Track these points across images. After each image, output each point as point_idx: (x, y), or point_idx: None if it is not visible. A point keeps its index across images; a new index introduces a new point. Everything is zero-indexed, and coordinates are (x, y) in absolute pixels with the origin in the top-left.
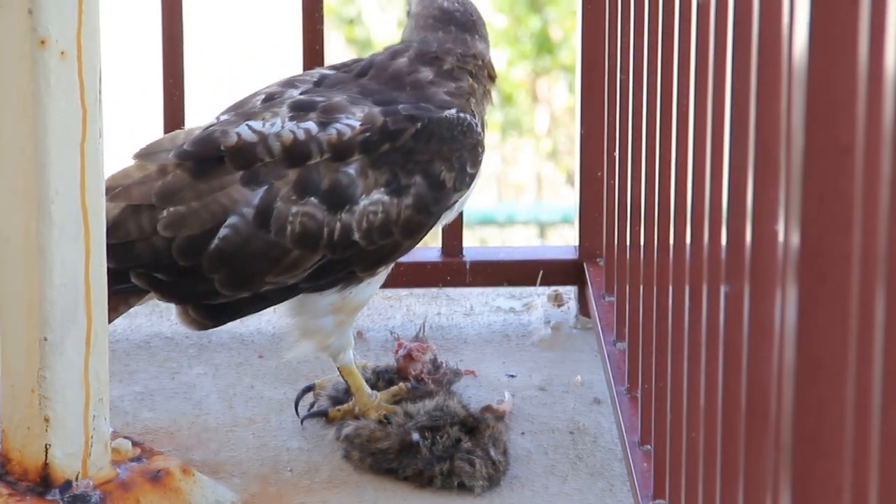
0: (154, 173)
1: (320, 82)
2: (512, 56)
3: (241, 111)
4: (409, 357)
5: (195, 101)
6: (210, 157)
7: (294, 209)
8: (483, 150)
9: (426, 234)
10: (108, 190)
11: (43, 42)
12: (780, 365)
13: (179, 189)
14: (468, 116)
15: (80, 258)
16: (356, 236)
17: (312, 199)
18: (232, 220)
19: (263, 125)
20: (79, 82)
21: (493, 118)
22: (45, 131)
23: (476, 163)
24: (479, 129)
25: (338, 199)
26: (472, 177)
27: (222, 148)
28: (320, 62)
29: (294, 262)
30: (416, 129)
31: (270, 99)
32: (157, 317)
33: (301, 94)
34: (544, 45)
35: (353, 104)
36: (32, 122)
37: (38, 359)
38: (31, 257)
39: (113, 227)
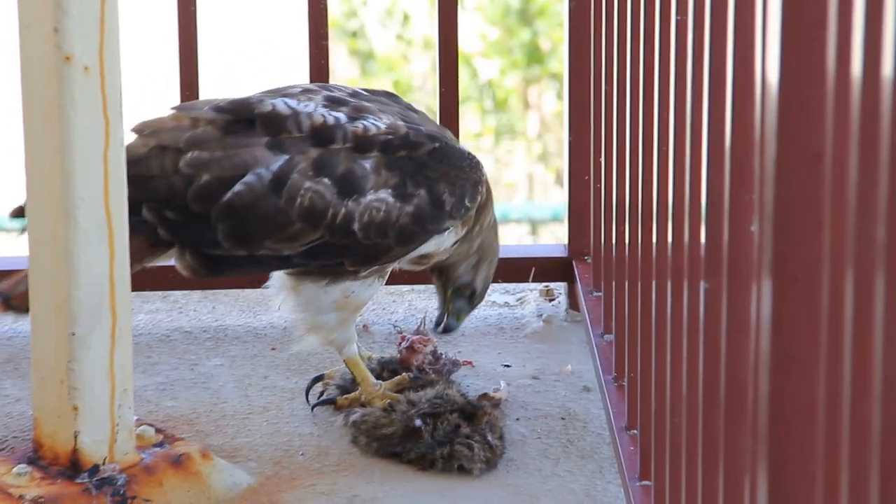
0: (187, 123)
1: (355, 94)
2: (504, 65)
3: (278, 91)
4: (411, 349)
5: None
6: (242, 119)
7: (307, 184)
8: (482, 197)
9: (416, 247)
10: (140, 129)
11: (68, 58)
12: (756, 356)
13: (207, 139)
14: (478, 160)
15: (105, 259)
16: (356, 226)
17: (326, 179)
18: (249, 177)
19: (298, 104)
20: (101, 95)
21: (488, 123)
22: (71, 141)
23: (473, 199)
24: (484, 177)
25: (349, 186)
26: (468, 210)
27: (256, 112)
28: (325, 77)
29: (295, 234)
30: (434, 147)
31: (308, 91)
32: (177, 312)
33: (336, 93)
34: (534, 56)
35: (382, 113)
36: (58, 133)
37: (66, 352)
38: (59, 259)
39: (135, 161)
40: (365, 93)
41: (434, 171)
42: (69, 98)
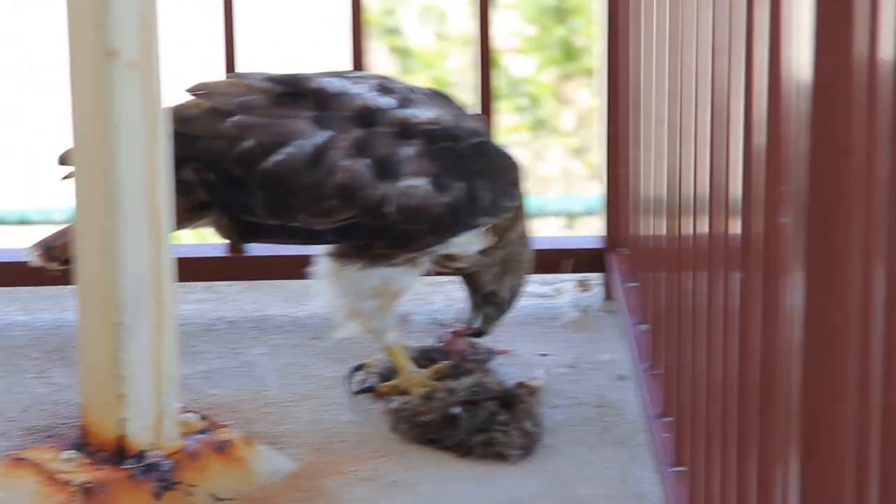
0: (241, 90)
1: (411, 89)
2: (540, 62)
3: (334, 72)
4: (456, 336)
5: None
6: (293, 92)
7: (346, 162)
8: (517, 198)
9: (449, 238)
10: (195, 90)
11: (111, 54)
12: (789, 344)
13: (256, 106)
14: (519, 162)
15: (150, 250)
16: (390, 208)
17: (366, 160)
18: (290, 148)
19: (350, 84)
20: (144, 89)
21: (523, 118)
22: (115, 135)
23: (512, 198)
24: (521, 180)
25: (387, 169)
26: (504, 209)
27: (307, 87)
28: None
29: (329, 210)
30: (477, 142)
31: (364, 77)
32: (220, 302)
33: (390, 84)
34: (569, 52)
35: (430, 106)
36: (104, 127)
37: (113, 341)
38: (105, 249)
39: (184, 120)
40: (421, 89)
41: (474, 165)
42: (113, 92)
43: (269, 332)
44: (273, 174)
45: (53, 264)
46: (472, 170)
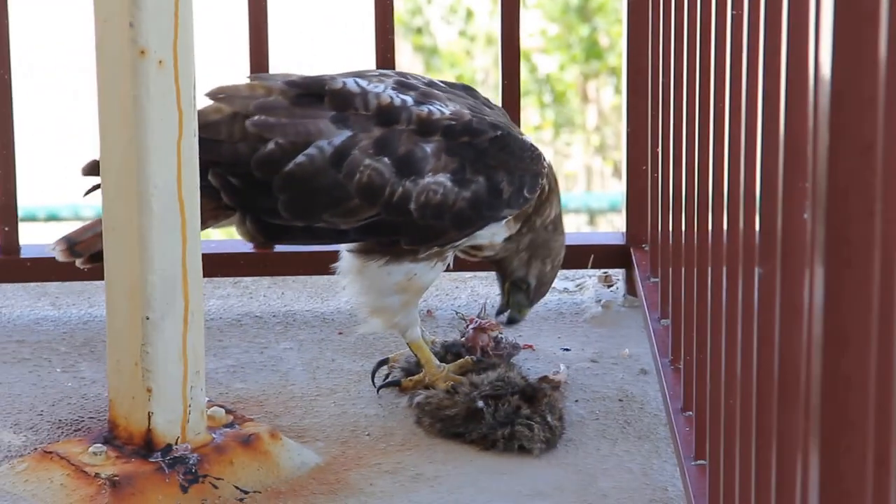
0: (261, 92)
1: (431, 84)
2: (564, 60)
3: (354, 73)
4: (479, 331)
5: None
6: (313, 93)
7: (367, 161)
8: (543, 187)
9: (472, 232)
10: (215, 94)
11: (143, 52)
12: (809, 339)
13: (276, 107)
14: (541, 151)
15: (178, 246)
16: (412, 206)
17: (386, 158)
18: (311, 150)
19: (368, 84)
20: (175, 88)
21: (547, 116)
22: (145, 132)
23: (533, 190)
24: (546, 168)
25: (408, 166)
26: (526, 201)
27: (326, 88)
28: (391, 69)
29: (352, 209)
30: (496, 135)
31: (383, 75)
32: (247, 298)
33: (410, 80)
34: (593, 51)
35: (449, 101)
36: (134, 124)
37: (140, 336)
38: (134, 245)
39: (205, 125)
40: (442, 84)
41: (494, 159)
42: (144, 90)
43: (295, 327)
44: (295, 177)
45: (77, 259)
46: (493, 163)
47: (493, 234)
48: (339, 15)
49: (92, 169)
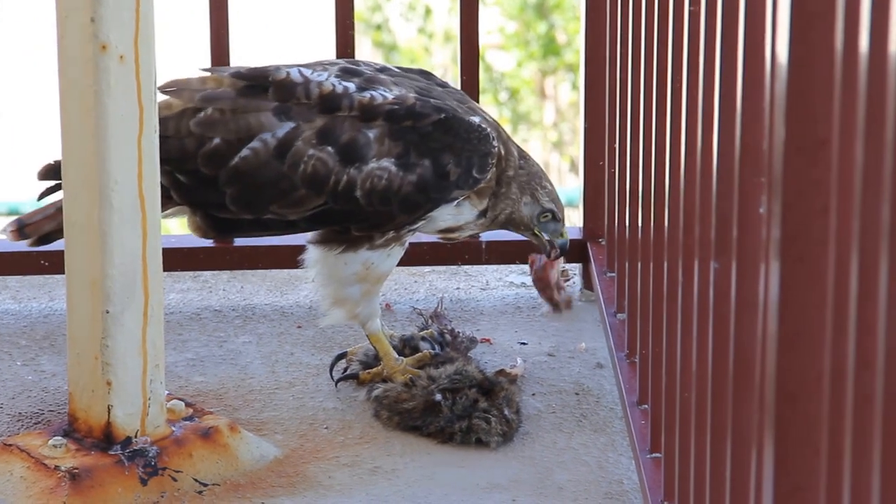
0: (211, 84)
1: (383, 70)
2: (521, 57)
3: (303, 64)
4: (549, 266)
5: None
6: (258, 84)
7: (311, 151)
8: (493, 165)
9: (423, 214)
10: (168, 86)
11: (104, 47)
12: (764, 333)
13: (221, 98)
14: (489, 129)
15: (138, 240)
16: (358, 193)
17: (329, 147)
18: (255, 143)
19: (312, 73)
20: (136, 83)
21: (503, 112)
22: (106, 127)
23: (483, 170)
24: (496, 146)
25: (351, 154)
26: (476, 181)
27: (270, 79)
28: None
29: (299, 200)
30: (439, 118)
31: (331, 63)
32: (206, 292)
33: (359, 67)
34: (550, 48)
35: (395, 86)
36: (94, 119)
37: (101, 329)
38: (94, 240)
39: None
40: (397, 69)
41: (438, 142)
42: (105, 86)
43: (254, 320)
44: (240, 171)
45: (26, 241)
46: (437, 146)
47: (458, 215)
48: (300, 10)
49: (48, 173)
